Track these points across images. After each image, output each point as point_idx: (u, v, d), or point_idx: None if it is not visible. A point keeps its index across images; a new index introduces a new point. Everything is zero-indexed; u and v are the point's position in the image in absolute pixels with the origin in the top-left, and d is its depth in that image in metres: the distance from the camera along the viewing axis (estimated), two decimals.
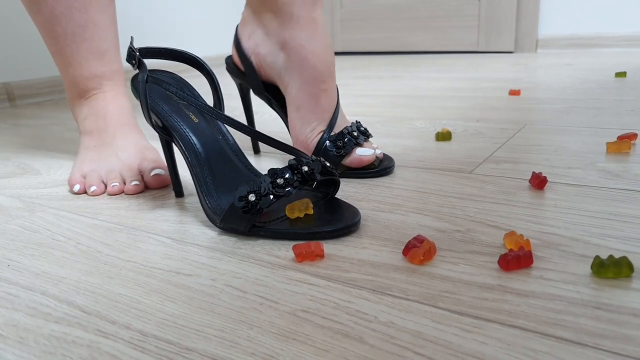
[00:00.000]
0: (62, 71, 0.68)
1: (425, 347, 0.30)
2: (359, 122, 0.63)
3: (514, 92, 1.09)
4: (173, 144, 0.54)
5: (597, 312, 0.32)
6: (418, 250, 0.39)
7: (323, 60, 0.59)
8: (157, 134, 0.53)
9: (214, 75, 0.56)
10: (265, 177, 0.44)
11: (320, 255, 0.41)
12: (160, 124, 0.53)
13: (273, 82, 0.64)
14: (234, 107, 1.15)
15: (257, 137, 0.48)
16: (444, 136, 0.75)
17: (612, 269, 0.35)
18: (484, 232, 0.44)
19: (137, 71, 0.52)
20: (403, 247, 0.41)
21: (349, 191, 0.56)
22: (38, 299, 0.38)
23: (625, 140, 0.64)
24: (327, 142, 0.60)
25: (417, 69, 1.70)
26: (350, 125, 0.61)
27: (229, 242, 0.45)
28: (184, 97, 0.48)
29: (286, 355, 0.30)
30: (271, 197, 0.43)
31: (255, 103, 1.21)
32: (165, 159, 0.56)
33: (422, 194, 0.54)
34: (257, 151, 0.74)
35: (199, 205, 0.52)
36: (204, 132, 0.53)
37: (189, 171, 0.51)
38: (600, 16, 1.90)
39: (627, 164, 0.59)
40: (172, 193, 0.59)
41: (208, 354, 0.30)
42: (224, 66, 0.71)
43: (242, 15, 0.66)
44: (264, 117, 1.03)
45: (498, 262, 0.38)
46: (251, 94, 0.71)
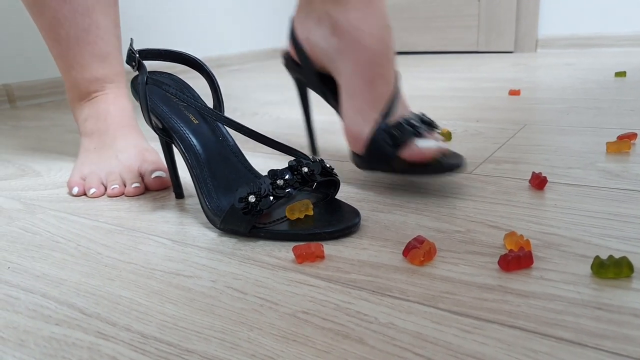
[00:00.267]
0: (64, 73, 0.68)
1: (425, 348, 0.30)
2: (424, 113, 0.56)
3: (514, 92, 1.09)
4: (173, 145, 0.54)
5: (597, 312, 0.32)
6: (418, 251, 0.39)
7: (379, 40, 0.53)
8: (157, 136, 0.53)
9: (214, 76, 0.56)
10: (265, 179, 0.44)
11: (321, 257, 0.41)
12: (160, 126, 0.53)
13: (327, 71, 0.59)
14: (234, 109, 1.15)
15: (256, 138, 0.48)
16: (444, 136, 0.75)
17: (612, 269, 0.35)
18: (484, 232, 0.44)
19: (137, 73, 0.52)
20: (403, 248, 0.41)
21: (349, 192, 0.56)
22: (38, 301, 0.38)
23: (625, 140, 0.64)
24: (383, 132, 0.52)
25: (417, 69, 1.70)
26: (411, 114, 0.54)
27: (229, 243, 0.45)
28: (184, 98, 0.48)
29: (286, 356, 0.30)
30: (271, 198, 0.43)
31: (256, 103, 1.21)
32: (165, 161, 0.56)
33: (422, 195, 0.54)
34: (315, 152, 0.69)
35: (199, 206, 0.52)
36: (204, 134, 0.53)
37: (189, 173, 0.51)
38: (600, 16, 1.90)
39: (627, 163, 0.59)
40: (173, 195, 0.59)
41: (208, 356, 0.30)
42: (223, 67, 0.71)
43: (297, 3, 0.61)
44: (264, 118, 1.03)
45: (498, 262, 0.38)
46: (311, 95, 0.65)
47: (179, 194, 0.58)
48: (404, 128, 0.51)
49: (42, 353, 0.32)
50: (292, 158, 0.47)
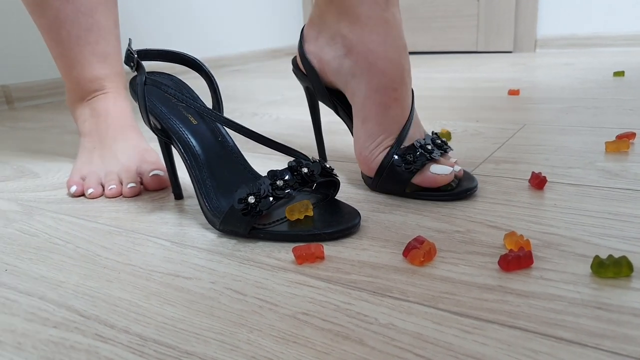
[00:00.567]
0: (64, 73, 0.68)
1: (425, 348, 0.29)
2: (436, 133, 0.56)
3: (513, 92, 1.09)
4: (172, 146, 0.53)
5: (597, 312, 0.32)
6: (418, 251, 0.39)
7: (395, 65, 0.52)
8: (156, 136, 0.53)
9: (213, 77, 0.56)
10: (264, 179, 0.44)
11: (321, 257, 0.41)
12: (159, 126, 0.53)
13: (337, 88, 0.58)
14: (233, 109, 1.15)
15: (256, 139, 0.48)
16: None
17: (611, 268, 0.35)
18: (484, 232, 0.44)
19: (135, 73, 0.52)
20: (403, 248, 0.41)
21: (349, 192, 0.56)
22: (36, 303, 0.38)
23: (624, 140, 0.64)
24: (395, 156, 0.52)
25: (416, 69, 1.70)
26: (424, 138, 0.54)
27: (229, 244, 0.45)
28: (183, 99, 0.48)
29: (286, 358, 0.30)
30: (271, 199, 0.43)
31: (255, 104, 1.21)
32: (164, 162, 0.56)
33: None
34: (324, 158, 0.68)
35: (199, 207, 0.52)
36: (203, 134, 0.53)
37: (188, 173, 0.51)
38: (599, 16, 1.90)
39: (626, 163, 0.59)
40: (172, 195, 0.59)
41: (208, 358, 0.30)
42: (222, 68, 0.71)
43: (310, 16, 0.59)
44: (263, 118, 1.03)
45: (498, 262, 0.38)
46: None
47: (178, 194, 0.57)
48: (418, 154, 0.51)
49: (40, 356, 0.31)
50: (292, 159, 0.47)
